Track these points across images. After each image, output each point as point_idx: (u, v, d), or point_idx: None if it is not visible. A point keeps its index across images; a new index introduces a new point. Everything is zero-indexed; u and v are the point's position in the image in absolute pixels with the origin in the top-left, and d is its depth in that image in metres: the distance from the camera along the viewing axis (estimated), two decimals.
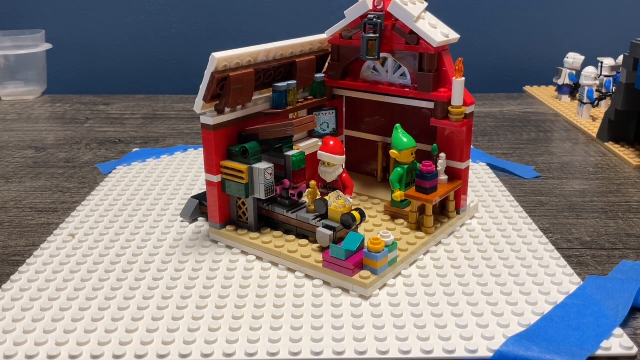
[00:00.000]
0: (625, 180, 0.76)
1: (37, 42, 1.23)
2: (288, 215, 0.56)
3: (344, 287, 0.49)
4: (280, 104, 0.60)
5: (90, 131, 1.00)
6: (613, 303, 0.46)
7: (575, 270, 0.53)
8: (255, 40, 0.59)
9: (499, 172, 0.78)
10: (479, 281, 0.50)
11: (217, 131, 0.55)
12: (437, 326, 0.44)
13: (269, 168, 0.55)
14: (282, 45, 0.59)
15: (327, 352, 0.42)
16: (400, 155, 0.59)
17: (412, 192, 0.57)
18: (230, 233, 0.57)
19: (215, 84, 0.53)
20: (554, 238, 0.60)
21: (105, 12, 1.35)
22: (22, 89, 1.24)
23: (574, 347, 0.41)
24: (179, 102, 1.21)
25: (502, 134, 0.96)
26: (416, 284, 0.50)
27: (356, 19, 0.61)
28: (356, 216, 0.53)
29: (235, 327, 0.44)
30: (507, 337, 0.42)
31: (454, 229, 0.60)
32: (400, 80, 0.63)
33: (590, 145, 0.90)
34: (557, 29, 1.35)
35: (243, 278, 0.51)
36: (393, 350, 0.42)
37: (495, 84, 1.36)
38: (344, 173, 0.59)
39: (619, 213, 0.66)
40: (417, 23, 0.57)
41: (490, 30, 1.35)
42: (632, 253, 0.57)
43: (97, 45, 1.37)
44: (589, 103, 1.01)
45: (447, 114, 0.58)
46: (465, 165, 0.60)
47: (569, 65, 1.14)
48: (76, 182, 0.76)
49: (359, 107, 0.68)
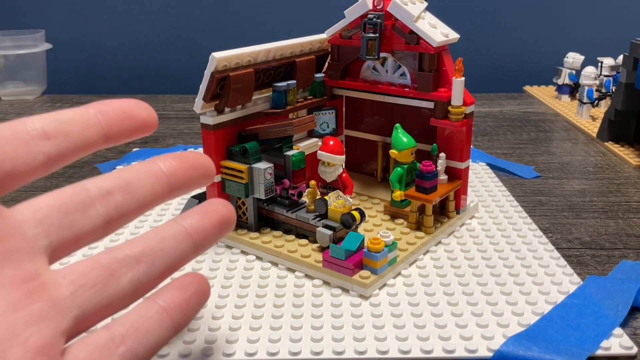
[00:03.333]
0: (625, 180, 0.76)
1: (37, 42, 1.23)
2: (288, 215, 0.56)
3: (344, 287, 0.49)
4: (280, 104, 0.60)
5: None
6: (613, 303, 0.46)
7: (575, 270, 0.53)
8: (255, 40, 0.59)
9: (499, 172, 0.78)
10: (479, 281, 0.50)
11: (217, 131, 0.55)
12: (437, 326, 0.44)
13: (269, 168, 0.55)
14: (282, 45, 0.59)
15: (327, 352, 0.42)
16: (400, 155, 0.59)
17: (412, 192, 0.57)
18: (230, 233, 0.57)
19: (215, 84, 0.53)
20: (554, 238, 0.60)
21: (105, 12, 1.35)
22: (22, 89, 1.24)
23: (574, 347, 0.41)
24: (179, 102, 1.21)
25: (502, 134, 0.96)
26: (416, 284, 0.50)
27: (356, 19, 0.61)
28: (356, 216, 0.53)
29: (235, 327, 0.44)
30: (507, 337, 0.42)
31: (454, 229, 0.60)
32: (400, 80, 0.63)
33: (590, 145, 0.90)
34: (557, 29, 1.35)
35: (243, 278, 0.51)
36: (393, 350, 0.42)
37: (495, 84, 1.36)
38: (344, 173, 0.59)
39: (619, 213, 0.66)
40: (417, 23, 0.57)
41: (490, 30, 1.35)
42: (632, 253, 0.57)
43: (97, 45, 1.37)
44: (589, 103, 1.01)
45: (447, 114, 0.58)
46: (465, 165, 0.60)
47: (569, 65, 1.14)
48: None
49: (359, 107, 0.68)
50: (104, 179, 0.34)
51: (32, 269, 0.29)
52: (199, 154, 0.38)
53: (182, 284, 0.35)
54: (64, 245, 0.31)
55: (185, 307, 0.34)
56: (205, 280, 0.36)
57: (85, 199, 0.32)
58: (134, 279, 0.32)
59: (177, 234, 0.35)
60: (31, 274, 0.29)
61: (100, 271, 0.31)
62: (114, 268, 0.32)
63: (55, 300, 0.29)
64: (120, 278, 0.32)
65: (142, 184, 0.34)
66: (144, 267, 0.33)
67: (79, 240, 0.32)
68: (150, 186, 0.35)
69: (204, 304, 0.36)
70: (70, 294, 0.30)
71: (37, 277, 0.29)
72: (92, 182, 0.33)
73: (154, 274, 0.33)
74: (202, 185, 0.38)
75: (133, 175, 0.35)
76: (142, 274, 0.32)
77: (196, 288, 0.35)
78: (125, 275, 0.32)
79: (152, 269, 0.33)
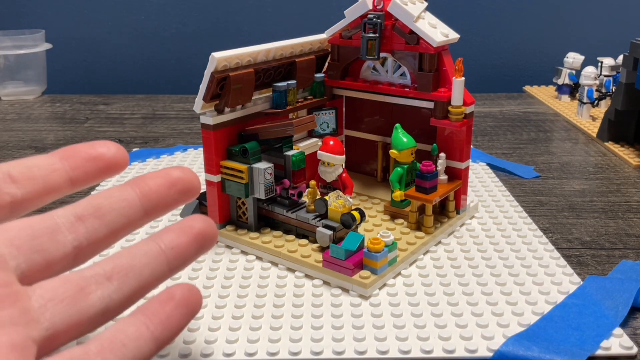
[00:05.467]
0: (625, 180, 0.76)
1: (37, 42, 1.23)
2: (288, 215, 0.56)
3: (344, 287, 0.49)
4: (280, 104, 0.60)
5: (90, 131, 1.00)
6: (613, 303, 0.46)
7: (575, 270, 0.53)
8: (255, 40, 0.59)
9: (499, 172, 0.78)
10: (479, 281, 0.50)
11: (217, 131, 0.55)
12: (437, 326, 0.44)
13: (269, 168, 0.55)
14: (282, 45, 0.59)
15: (327, 352, 0.42)
16: (400, 155, 0.59)
17: (412, 192, 0.57)
18: (230, 233, 0.57)
19: (215, 84, 0.53)
20: (554, 238, 0.60)
21: (105, 12, 1.35)
22: (22, 89, 1.24)
23: (574, 347, 0.41)
24: (179, 102, 1.21)
25: (502, 134, 0.96)
26: (416, 284, 0.50)
27: (356, 19, 0.61)
28: (356, 216, 0.53)
29: (235, 327, 0.44)
30: (507, 337, 0.42)
31: (454, 229, 0.60)
32: (400, 80, 0.63)
33: (590, 145, 0.90)
34: (557, 29, 1.35)
35: (243, 278, 0.51)
36: (393, 350, 0.42)
37: (495, 84, 1.36)
38: (344, 173, 0.59)
39: (619, 213, 0.66)
40: (417, 23, 0.57)
41: (490, 30, 1.35)
42: (632, 253, 0.57)
43: (97, 46, 1.37)
44: (589, 103, 1.01)
45: (447, 114, 0.58)
46: (465, 165, 0.60)
47: (569, 65, 1.14)
48: None
49: (359, 107, 0.68)
50: (73, 205, 0.34)
51: (4, 278, 0.29)
52: (177, 168, 0.37)
53: (167, 295, 0.34)
54: (33, 269, 0.31)
55: (168, 321, 0.32)
56: (195, 291, 0.35)
57: (52, 225, 0.32)
58: (104, 296, 0.31)
59: (148, 251, 0.34)
60: (3, 282, 0.29)
61: (69, 286, 0.31)
62: (83, 284, 0.31)
63: (26, 309, 0.29)
64: (90, 294, 0.31)
65: (112, 209, 0.34)
66: (115, 284, 0.32)
67: (49, 266, 0.31)
68: (121, 210, 0.34)
69: (192, 317, 0.34)
70: (40, 307, 0.29)
71: (9, 286, 0.29)
72: (61, 209, 0.33)
73: (125, 292, 0.32)
74: (184, 203, 0.37)
75: (102, 200, 0.34)
76: (112, 291, 0.32)
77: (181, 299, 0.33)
78: (95, 292, 0.31)
79: (123, 287, 0.32)
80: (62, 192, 0.35)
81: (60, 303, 0.30)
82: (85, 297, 0.31)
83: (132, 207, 0.35)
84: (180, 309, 0.33)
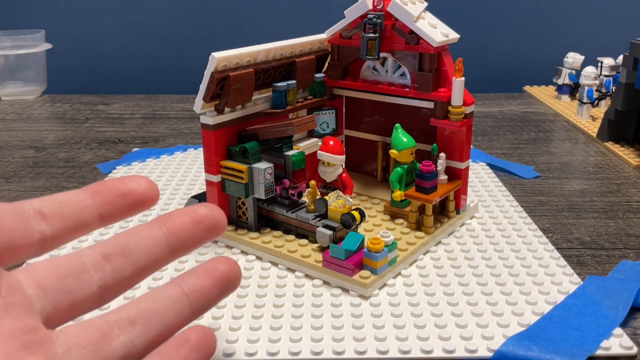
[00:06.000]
0: (625, 180, 0.76)
1: (37, 42, 1.23)
2: (288, 215, 0.56)
3: (344, 287, 0.49)
4: (280, 104, 0.60)
5: (90, 131, 1.00)
6: (613, 303, 0.46)
7: (575, 270, 0.53)
8: (255, 40, 0.59)
9: (499, 172, 0.78)
10: (479, 281, 0.50)
11: (217, 131, 0.55)
12: (437, 326, 0.44)
13: (269, 168, 0.55)
14: (282, 45, 0.59)
15: (327, 352, 0.42)
16: (400, 155, 0.59)
17: (412, 192, 0.57)
18: (230, 233, 0.57)
19: (215, 84, 0.53)
20: (554, 238, 0.60)
21: (105, 12, 1.35)
22: (22, 89, 1.24)
23: (574, 347, 0.41)
24: (179, 102, 1.21)
25: (502, 134, 0.96)
26: (416, 284, 0.50)
27: (356, 19, 0.61)
28: (356, 216, 0.53)
29: (235, 327, 0.44)
30: (507, 337, 0.42)
31: (454, 229, 0.60)
32: (400, 80, 0.63)
33: (590, 145, 0.90)
34: (557, 29, 1.35)
35: (243, 278, 0.51)
36: (393, 350, 0.42)
37: (495, 84, 1.36)
38: (344, 173, 0.59)
39: (619, 213, 0.66)
40: (417, 23, 0.57)
41: (490, 30, 1.35)
42: (632, 253, 0.57)
43: (97, 45, 1.37)
44: (589, 103, 1.01)
45: (447, 114, 0.58)
46: (465, 165, 0.60)
47: (569, 65, 1.14)
48: (76, 182, 0.76)
49: (359, 107, 0.68)
50: (100, 244, 0.34)
51: (30, 323, 0.29)
52: (204, 205, 0.37)
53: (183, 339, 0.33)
54: (58, 310, 0.31)
55: None
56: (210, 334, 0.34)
57: (79, 264, 0.32)
58: (127, 342, 0.31)
59: (171, 295, 0.34)
60: (29, 327, 0.29)
61: (92, 331, 0.31)
62: (107, 329, 0.31)
63: (50, 356, 0.29)
64: (113, 340, 0.31)
65: (139, 247, 0.34)
66: (138, 328, 0.32)
67: (74, 307, 0.32)
68: (147, 249, 0.34)
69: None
70: (63, 353, 0.29)
71: (34, 332, 0.29)
72: (89, 248, 0.33)
73: (148, 337, 0.32)
74: (210, 240, 0.37)
75: (129, 239, 0.34)
76: (135, 336, 0.32)
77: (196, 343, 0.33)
78: (118, 337, 0.31)
79: (146, 331, 0.32)
80: (92, 228, 0.35)
81: (84, 349, 0.30)
82: (108, 342, 0.31)
83: (159, 245, 0.35)
84: (195, 353, 0.33)
